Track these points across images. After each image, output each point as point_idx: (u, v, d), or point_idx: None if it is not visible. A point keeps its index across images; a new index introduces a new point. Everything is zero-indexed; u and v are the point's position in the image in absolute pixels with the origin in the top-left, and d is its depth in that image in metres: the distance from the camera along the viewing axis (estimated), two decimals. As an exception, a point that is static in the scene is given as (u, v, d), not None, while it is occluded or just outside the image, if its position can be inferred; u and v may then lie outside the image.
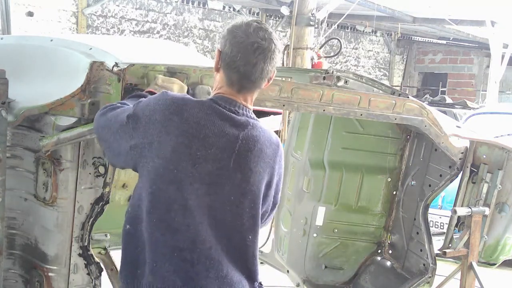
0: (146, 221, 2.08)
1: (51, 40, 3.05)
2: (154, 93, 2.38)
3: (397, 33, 20.23)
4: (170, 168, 2.06)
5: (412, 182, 4.17)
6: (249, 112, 2.18)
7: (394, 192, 4.33)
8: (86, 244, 2.68)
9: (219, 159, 2.09)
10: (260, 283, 2.25)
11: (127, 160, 2.16)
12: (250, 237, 2.17)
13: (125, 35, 13.88)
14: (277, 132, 8.64)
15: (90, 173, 2.64)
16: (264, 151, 2.16)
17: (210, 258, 2.09)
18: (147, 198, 2.08)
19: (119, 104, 2.27)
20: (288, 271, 4.55)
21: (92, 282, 2.72)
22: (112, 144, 2.19)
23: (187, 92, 2.55)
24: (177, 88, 2.52)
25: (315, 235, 4.41)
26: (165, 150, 2.06)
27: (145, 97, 2.31)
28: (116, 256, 3.33)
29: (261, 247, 4.73)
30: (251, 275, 2.19)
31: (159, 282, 2.07)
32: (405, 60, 21.80)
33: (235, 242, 2.14)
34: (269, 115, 10.98)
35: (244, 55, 2.09)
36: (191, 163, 2.06)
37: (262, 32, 2.11)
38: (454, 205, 4.01)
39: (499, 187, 3.89)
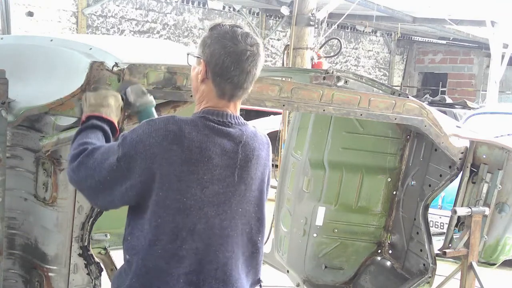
0: (147, 252, 2.04)
1: (51, 40, 3.05)
2: (95, 116, 2.29)
3: (397, 33, 20.23)
4: (177, 198, 2.01)
5: (412, 182, 4.17)
6: (239, 119, 2.14)
7: (394, 192, 4.33)
8: (86, 244, 2.68)
9: (224, 178, 2.08)
10: (261, 281, 2.28)
11: (124, 201, 2.08)
12: (259, 238, 2.21)
13: (125, 35, 13.88)
14: (277, 132, 8.65)
15: (90, 173, 2.63)
16: (260, 156, 2.18)
17: (215, 278, 2.08)
18: (150, 231, 2.03)
19: (90, 147, 2.11)
20: (288, 271, 4.55)
21: (92, 282, 2.72)
22: (101, 192, 2.08)
23: (122, 99, 2.44)
24: (113, 101, 2.39)
25: (315, 235, 4.41)
26: (169, 181, 2.00)
27: (96, 126, 2.24)
28: (116, 256, 3.33)
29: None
30: (257, 276, 2.24)
31: None
32: (405, 60, 21.81)
33: (247, 250, 2.17)
34: (269, 115, 10.97)
35: (238, 65, 2.04)
36: (199, 188, 2.03)
37: (249, 38, 2.06)
38: (454, 205, 4.01)
39: (499, 187, 3.89)
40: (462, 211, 3.87)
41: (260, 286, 2.28)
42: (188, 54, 2.20)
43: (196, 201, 2.03)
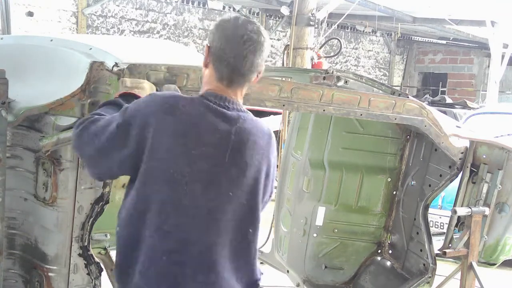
0: (135, 223, 2.06)
1: (51, 40, 3.05)
2: (126, 95, 2.35)
3: (397, 33, 20.21)
4: (164, 169, 2.03)
5: (412, 182, 4.17)
6: (239, 106, 2.16)
7: (394, 192, 4.34)
8: (86, 244, 2.68)
9: (214, 156, 2.07)
10: (258, 283, 2.22)
11: (122, 169, 2.11)
12: (250, 230, 2.16)
13: (125, 35, 13.88)
14: (276, 132, 8.65)
15: (90, 173, 2.63)
16: (257, 143, 2.15)
17: (199, 262, 2.06)
18: (140, 200, 2.06)
19: (97, 116, 2.16)
20: (288, 271, 4.55)
21: (92, 282, 2.72)
22: (100, 159, 2.11)
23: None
24: (148, 86, 2.47)
25: (315, 235, 4.41)
26: (160, 151, 2.03)
27: (117, 103, 2.27)
28: (116, 256, 3.33)
29: (261, 247, 4.73)
30: (253, 276, 2.18)
31: (146, 283, 2.04)
32: (405, 60, 21.80)
33: (235, 239, 2.12)
34: (269, 115, 10.98)
35: (234, 47, 2.08)
36: (186, 163, 2.04)
37: (251, 25, 2.10)
38: (454, 205, 4.01)
39: (499, 187, 3.89)
40: (462, 211, 3.87)
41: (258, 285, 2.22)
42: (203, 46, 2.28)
43: (183, 175, 2.04)
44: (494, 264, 4.22)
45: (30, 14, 12.30)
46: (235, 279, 2.13)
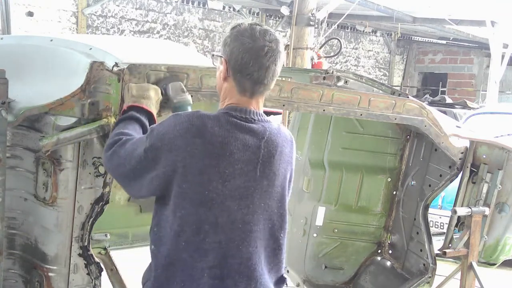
0: (172, 243, 2.09)
1: (51, 40, 3.05)
2: (136, 107, 2.39)
3: (397, 33, 20.21)
4: (199, 191, 2.07)
5: (412, 182, 4.17)
6: (262, 116, 2.19)
7: (394, 192, 4.33)
8: (86, 244, 2.67)
9: (246, 172, 2.11)
10: (284, 275, 2.30)
11: (151, 191, 2.15)
12: (281, 235, 2.22)
13: (125, 35, 13.88)
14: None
15: (90, 173, 2.63)
16: (283, 152, 2.21)
17: (239, 272, 2.11)
18: (175, 222, 2.08)
19: (124, 137, 2.23)
20: (288, 271, 4.55)
21: (92, 282, 2.72)
22: (132, 181, 2.17)
23: (161, 93, 2.53)
24: (153, 93, 2.48)
25: (315, 235, 4.41)
26: (192, 174, 2.06)
27: (135, 118, 2.33)
28: (116, 256, 3.33)
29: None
30: (280, 272, 2.25)
31: None
32: (405, 60, 21.80)
33: (269, 246, 2.18)
34: (269, 115, 10.94)
35: (257, 60, 2.10)
36: (220, 182, 2.08)
37: (268, 35, 2.13)
38: (454, 205, 4.01)
39: (499, 187, 3.89)
40: (462, 211, 3.87)
41: (285, 284, 2.29)
42: (212, 55, 2.27)
43: (218, 194, 2.07)
44: (494, 264, 4.21)
45: (30, 14, 12.30)
46: (270, 281, 2.20)
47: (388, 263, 4.39)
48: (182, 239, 2.08)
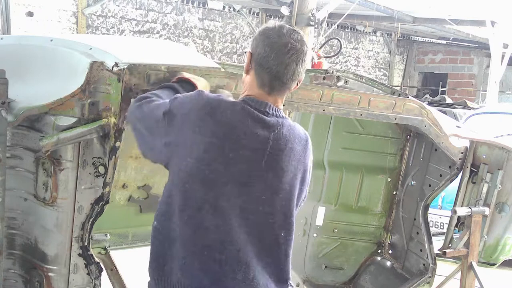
0: (177, 218, 2.11)
1: (51, 40, 3.04)
2: (185, 80, 2.45)
3: (397, 33, 20.21)
4: (202, 169, 2.09)
5: (412, 182, 4.17)
6: (279, 112, 2.20)
7: (394, 192, 4.33)
8: (86, 244, 2.67)
9: (251, 160, 2.12)
10: (291, 284, 2.27)
11: (160, 156, 2.20)
12: (282, 234, 2.20)
13: (125, 35, 13.88)
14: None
15: (90, 173, 2.63)
16: (294, 149, 2.20)
17: (238, 260, 2.11)
18: (179, 195, 2.11)
19: (154, 97, 2.29)
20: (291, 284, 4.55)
21: (92, 282, 2.72)
22: (146, 138, 2.23)
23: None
24: (205, 82, 2.55)
25: (315, 235, 4.41)
26: (198, 150, 2.09)
27: (175, 88, 2.38)
28: (116, 256, 3.33)
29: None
30: (282, 275, 2.22)
31: (187, 279, 2.10)
32: (405, 60, 21.79)
33: (267, 241, 2.17)
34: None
35: (277, 55, 2.12)
36: (223, 164, 2.09)
37: (295, 34, 2.17)
38: (454, 205, 4.01)
39: (499, 187, 3.89)
40: (462, 211, 3.87)
41: (290, 285, 2.26)
42: (245, 52, 2.33)
43: (219, 176, 2.09)
44: (494, 264, 4.22)
45: (30, 14, 12.29)
46: (267, 277, 2.18)
47: (388, 263, 4.39)
48: (185, 213, 2.09)
